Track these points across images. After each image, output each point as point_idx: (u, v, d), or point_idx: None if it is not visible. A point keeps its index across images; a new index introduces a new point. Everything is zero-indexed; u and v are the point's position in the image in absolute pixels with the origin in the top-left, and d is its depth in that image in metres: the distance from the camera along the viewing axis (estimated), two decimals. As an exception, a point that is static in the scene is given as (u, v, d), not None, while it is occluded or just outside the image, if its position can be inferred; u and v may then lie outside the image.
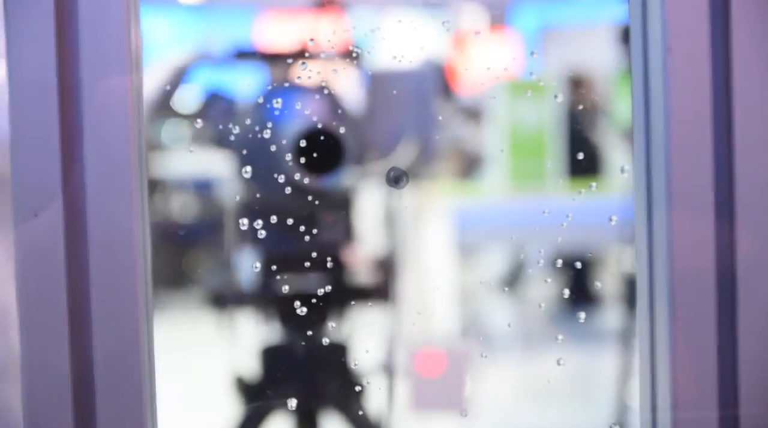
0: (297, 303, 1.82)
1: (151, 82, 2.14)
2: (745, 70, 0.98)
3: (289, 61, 1.99)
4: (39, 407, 0.97)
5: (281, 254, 2.09)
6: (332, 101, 2.09)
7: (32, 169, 0.96)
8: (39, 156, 0.96)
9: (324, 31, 2.19)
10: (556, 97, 4.67)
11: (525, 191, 4.78)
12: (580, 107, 5.32)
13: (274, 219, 1.62)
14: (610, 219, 1.46)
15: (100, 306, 0.97)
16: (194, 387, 3.51)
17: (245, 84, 2.30)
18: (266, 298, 2.30)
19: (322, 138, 1.87)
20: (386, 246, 2.67)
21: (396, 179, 1.47)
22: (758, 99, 0.98)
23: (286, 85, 1.93)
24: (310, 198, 1.87)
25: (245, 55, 2.31)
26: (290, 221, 1.60)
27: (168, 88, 1.94)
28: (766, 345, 1.00)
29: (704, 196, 0.99)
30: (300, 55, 1.80)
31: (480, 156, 5.28)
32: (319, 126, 1.87)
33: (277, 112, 1.90)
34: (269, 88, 2.19)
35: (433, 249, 4.15)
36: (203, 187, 5.62)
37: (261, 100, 2.07)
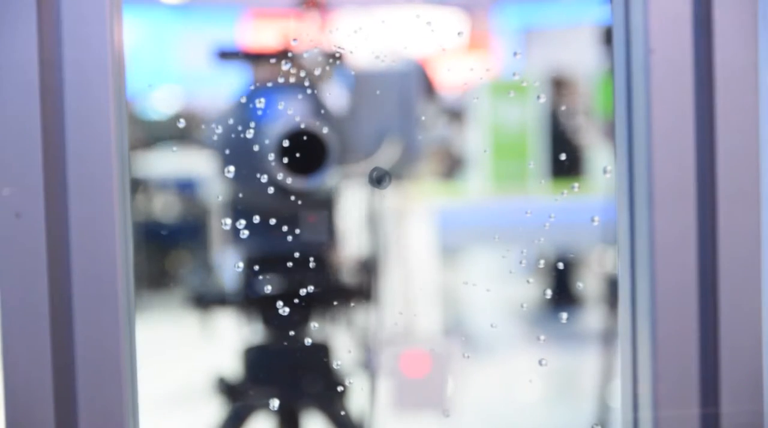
0: (279, 303, 1.82)
1: None
2: (728, 71, 0.98)
3: (272, 60, 1.98)
4: (20, 407, 0.97)
5: (264, 254, 2.09)
6: (315, 101, 2.09)
7: (14, 169, 0.96)
8: (21, 156, 0.95)
9: (307, 30, 2.19)
10: (538, 97, 4.68)
11: (508, 192, 4.79)
12: (563, 108, 5.34)
13: (256, 219, 1.62)
14: (593, 220, 1.46)
15: (81, 307, 0.97)
16: (176, 387, 3.50)
17: (228, 83, 2.29)
18: (248, 298, 2.29)
19: (304, 138, 1.87)
20: (369, 247, 2.67)
21: (379, 179, 1.47)
22: (740, 100, 0.99)
23: (269, 84, 1.93)
24: (292, 198, 1.87)
25: (228, 54, 2.31)
26: (273, 221, 1.60)
27: None
28: (747, 343, 1.00)
29: (686, 196, 0.99)
30: (283, 54, 1.79)
31: (463, 156, 5.29)
32: (302, 126, 1.87)
33: (260, 112, 1.90)
34: (252, 87, 2.19)
35: (416, 250, 4.15)
36: (186, 187, 5.60)
37: (244, 100, 2.06)
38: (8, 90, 0.95)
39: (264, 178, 1.74)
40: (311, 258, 2.09)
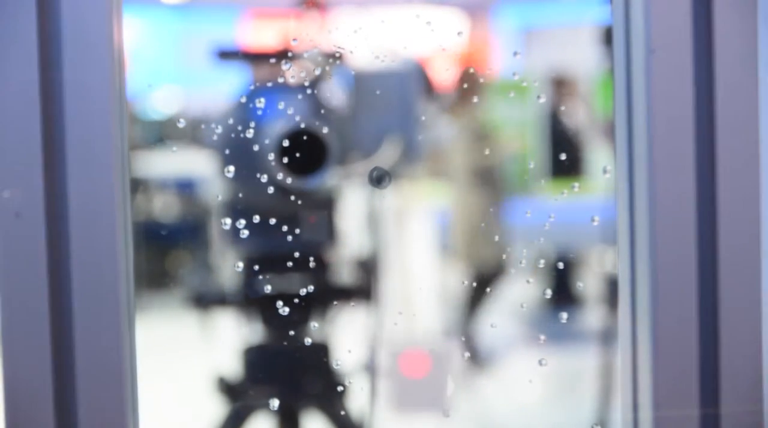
0: (279, 303, 1.82)
1: None
2: (728, 71, 0.98)
3: (272, 60, 1.98)
4: (20, 408, 0.97)
5: (264, 254, 2.09)
6: (315, 101, 2.09)
7: (14, 169, 0.96)
8: (21, 156, 0.95)
9: (307, 30, 2.19)
10: (538, 97, 4.68)
11: (507, 192, 4.79)
12: (563, 108, 5.34)
13: (256, 219, 1.62)
14: (593, 220, 1.46)
15: (81, 307, 0.97)
16: (176, 387, 3.50)
17: (228, 83, 2.29)
18: (248, 298, 2.29)
19: (304, 138, 1.87)
20: (369, 247, 2.67)
21: (379, 179, 1.47)
22: (740, 100, 0.99)
23: (269, 84, 1.93)
24: (292, 198, 1.87)
25: (228, 54, 2.31)
26: (273, 221, 1.60)
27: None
28: (747, 343, 1.00)
29: (686, 196, 0.99)
30: (283, 54, 1.79)
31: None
32: (302, 126, 1.87)
33: (260, 112, 1.90)
34: (252, 87, 2.18)
35: (416, 250, 4.15)
36: (186, 187, 5.61)
37: (244, 100, 2.06)
38: (8, 90, 0.95)
39: (264, 178, 1.74)
40: (311, 258, 2.09)
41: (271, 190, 1.72)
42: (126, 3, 1.00)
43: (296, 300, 2.04)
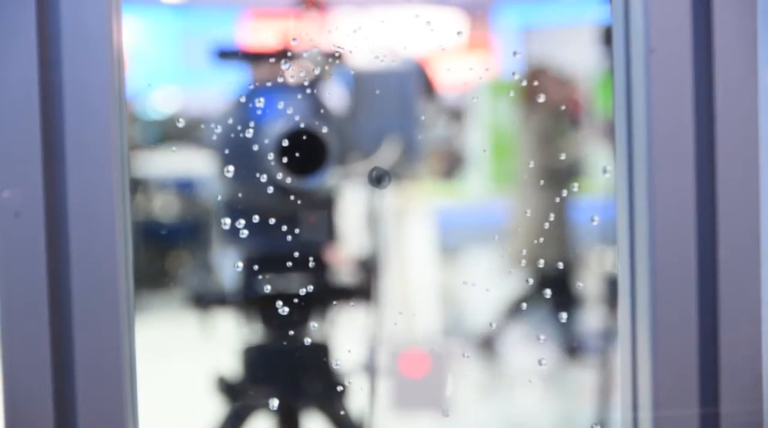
0: (279, 303, 1.82)
1: None
2: (728, 71, 0.98)
3: (272, 60, 1.98)
4: (20, 408, 0.97)
5: (263, 254, 2.09)
6: (315, 101, 2.09)
7: (13, 169, 0.95)
8: (20, 155, 0.95)
9: (307, 30, 2.19)
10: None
11: (507, 191, 4.79)
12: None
13: (256, 218, 1.62)
14: (593, 220, 1.46)
15: (81, 307, 0.97)
16: (175, 387, 3.50)
17: (228, 83, 2.29)
18: (248, 298, 2.29)
19: (304, 138, 1.87)
20: (368, 246, 2.67)
21: (378, 179, 1.47)
22: (740, 99, 0.99)
23: (269, 84, 1.93)
24: (292, 197, 1.87)
25: (227, 54, 2.31)
26: (272, 221, 1.60)
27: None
28: (746, 343, 1.00)
29: (686, 195, 0.99)
30: (283, 54, 1.79)
31: (462, 156, 5.28)
32: (302, 126, 1.87)
33: (259, 112, 1.90)
34: (251, 87, 2.18)
35: (416, 250, 4.15)
36: (185, 187, 5.60)
37: (243, 100, 2.06)
38: (8, 90, 0.95)
39: (264, 178, 1.74)
40: (311, 258, 2.08)
41: (270, 189, 1.72)
42: (126, 3, 1.00)
43: (296, 300, 2.04)
